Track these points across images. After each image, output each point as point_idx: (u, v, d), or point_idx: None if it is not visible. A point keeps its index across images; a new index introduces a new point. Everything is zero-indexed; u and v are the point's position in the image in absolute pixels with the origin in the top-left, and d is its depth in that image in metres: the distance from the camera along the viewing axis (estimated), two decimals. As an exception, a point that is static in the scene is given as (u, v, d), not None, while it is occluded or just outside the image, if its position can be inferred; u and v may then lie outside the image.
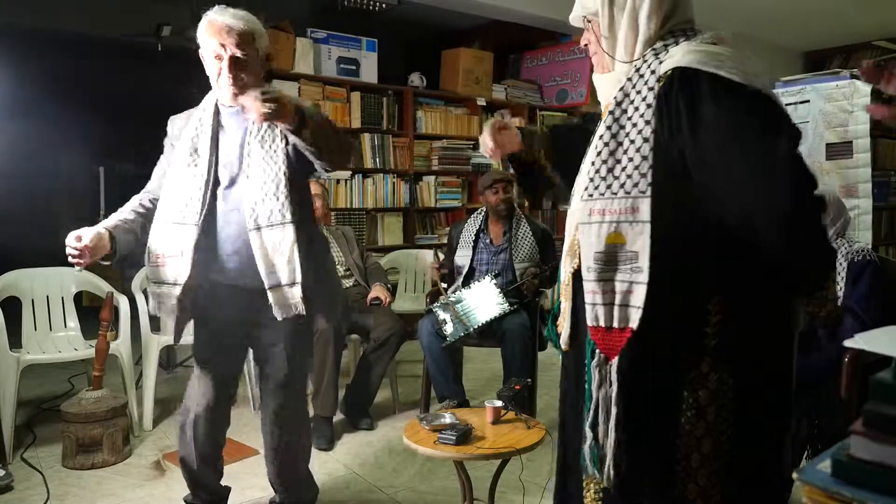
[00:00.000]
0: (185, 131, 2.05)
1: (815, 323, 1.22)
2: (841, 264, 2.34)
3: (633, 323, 1.14)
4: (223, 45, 1.90)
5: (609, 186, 1.17)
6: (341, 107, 4.85)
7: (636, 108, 1.17)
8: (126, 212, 2.10)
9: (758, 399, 1.15)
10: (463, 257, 3.45)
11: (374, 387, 3.29)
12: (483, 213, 3.53)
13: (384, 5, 5.08)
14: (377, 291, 3.41)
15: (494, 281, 3.21)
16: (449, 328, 3.15)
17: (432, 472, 2.76)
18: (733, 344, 1.13)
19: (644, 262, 1.12)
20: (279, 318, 2.00)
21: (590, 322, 1.20)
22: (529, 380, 2.77)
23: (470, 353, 3.99)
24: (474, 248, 3.45)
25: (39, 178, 6.44)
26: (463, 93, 5.53)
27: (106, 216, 6.26)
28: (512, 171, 1.70)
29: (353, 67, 4.97)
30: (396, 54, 6.07)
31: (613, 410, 1.16)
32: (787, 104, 3.62)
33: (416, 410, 3.39)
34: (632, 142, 1.17)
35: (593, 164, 1.21)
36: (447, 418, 2.21)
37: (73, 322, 3.41)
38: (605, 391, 1.18)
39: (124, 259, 2.04)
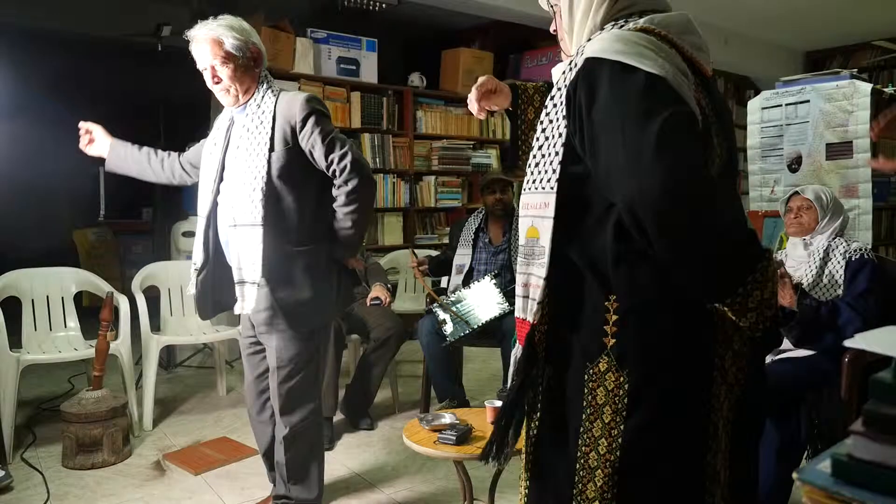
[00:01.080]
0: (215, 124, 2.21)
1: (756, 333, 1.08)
2: (840, 262, 2.34)
3: (531, 316, 1.16)
4: (202, 58, 2.03)
5: (534, 181, 1.18)
6: (341, 107, 4.85)
7: (559, 103, 1.15)
8: (146, 147, 2.36)
9: (660, 410, 1.10)
10: (463, 256, 3.45)
11: (374, 387, 3.29)
12: (483, 213, 3.54)
13: (384, 5, 5.07)
14: (377, 291, 3.41)
15: (494, 281, 3.21)
16: (449, 328, 3.15)
17: (432, 472, 2.76)
18: (630, 345, 1.10)
19: (547, 257, 1.13)
20: (235, 313, 2.13)
21: (515, 312, 1.23)
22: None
23: (470, 353, 3.99)
24: (474, 247, 3.46)
25: (39, 178, 6.44)
26: (463, 93, 5.50)
27: (106, 216, 6.30)
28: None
29: (353, 67, 4.98)
30: (396, 54, 6.07)
31: (512, 397, 1.22)
32: (787, 104, 3.63)
33: (416, 410, 3.39)
34: (552, 136, 1.16)
35: (533, 156, 1.21)
36: (447, 418, 2.21)
37: (73, 322, 3.41)
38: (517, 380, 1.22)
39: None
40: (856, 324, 2.14)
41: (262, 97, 2.06)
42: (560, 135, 1.13)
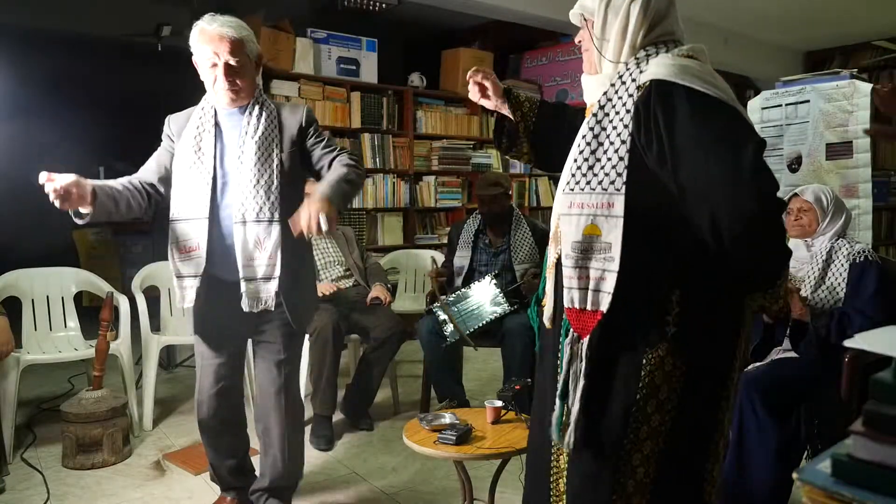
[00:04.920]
0: (185, 131, 2.12)
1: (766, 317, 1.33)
2: (843, 265, 2.34)
3: (604, 306, 1.26)
4: (216, 53, 1.99)
5: (588, 182, 1.29)
6: (341, 107, 4.85)
7: (617, 113, 1.28)
8: (115, 182, 2.11)
9: (702, 383, 1.29)
10: (462, 258, 3.44)
11: (374, 387, 3.29)
12: (480, 215, 3.53)
13: (384, 5, 5.07)
14: (377, 291, 3.41)
15: (494, 281, 3.21)
16: (449, 328, 3.14)
17: (432, 473, 2.76)
18: (689, 333, 1.26)
19: (616, 252, 1.24)
20: (245, 310, 2.08)
21: (566, 304, 1.32)
22: (529, 380, 2.76)
23: (470, 353, 3.99)
24: (473, 248, 3.45)
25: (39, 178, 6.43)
26: (463, 93, 5.50)
27: (106, 216, 6.04)
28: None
29: (353, 67, 4.98)
30: (396, 54, 6.07)
31: (581, 382, 1.29)
32: (787, 104, 3.63)
33: (416, 410, 3.39)
34: (611, 143, 1.28)
35: (575, 160, 1.32)
36: (447, 418, 2.21)
37: (73, 322, 3.41)
38: (576, 366, 1.31)
39: (98, 224, 2.03)
40: (867, 328, 2.14)
41: (264, 102, 2.13)
42: (623, 142, 1.26)
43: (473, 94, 1.71)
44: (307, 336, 3.14)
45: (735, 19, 5.80)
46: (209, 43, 1.99)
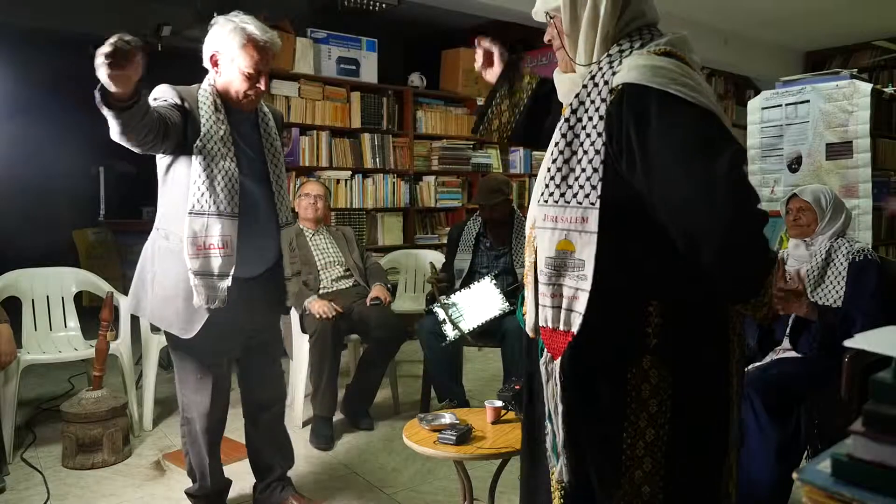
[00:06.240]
0: (208, 120, 1.96)
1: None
2: (842, 263, 2.34)
3: (575, 328, 1.20)
4: (262, 63, 1.97)
5: (563, 195, 1.22)
6: (341, 107, 4.85)
7: (590, 118, 1.20)
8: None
9: (696, 393, 1.23)
10: (463, 261, 3.44)
11: (374, 387, 3.29)
12: (480, 218, 3.52)
13: (384, 5, 5.08)
14: (377, 291, 3.41)
15: (494, 281, 3.21)
16: (449, 328, 3.14)
17: (432, 472, 2.76)
18: (672, 344, 1.20)
19: (589, 270, 1.18)
20: (288, 305, 2.24)
21: (540, 322, 1.26)
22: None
23: (470, 353, 3.99)
24: (474, 251, 3.44)
25: (39, 178, 6.43)
26: (463, 93, 5.53)
27: (106, 216, 6.24)
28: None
29: (353, 67, 4.98)
30: (396, 54, 6.08)
31: (560, 408, 1.24)
32: (787, 104, 3.63)
33: (416, 410, 3.39)
34: (585, 152, 1.20)
35: (549, 169, 1.24)
36: (447, 418, 2.21)
37: (73, 322, 3.41)
38: (553, 388, 1.25)
39: (137, 120, 1.74)
40: (868, 328, 2.14)
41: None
42: (597, 152, 1.18)
43: (479, 62, 1.69)
44: (307, 337, 3.14)
45: (735, 20, 5.81)
46: (258, 52, 1.95)
